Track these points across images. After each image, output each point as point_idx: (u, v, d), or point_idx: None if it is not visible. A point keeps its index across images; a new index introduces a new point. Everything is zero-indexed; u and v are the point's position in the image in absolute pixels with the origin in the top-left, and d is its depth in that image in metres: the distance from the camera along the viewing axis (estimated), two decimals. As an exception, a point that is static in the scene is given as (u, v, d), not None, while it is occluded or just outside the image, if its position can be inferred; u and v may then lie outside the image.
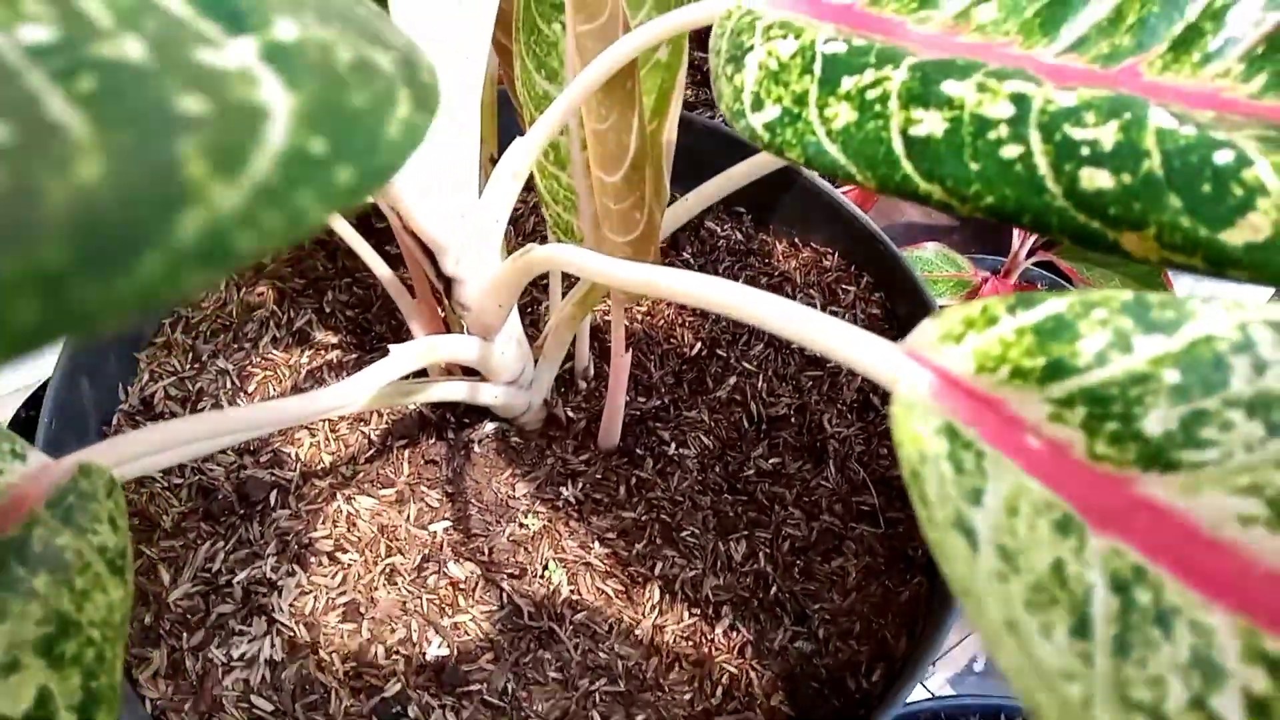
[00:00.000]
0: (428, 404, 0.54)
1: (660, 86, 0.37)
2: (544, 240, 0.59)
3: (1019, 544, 0.16)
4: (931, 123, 0.22)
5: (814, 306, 0.58)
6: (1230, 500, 0.15)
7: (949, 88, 0.22)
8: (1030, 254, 0.70)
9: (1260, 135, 0.19)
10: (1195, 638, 0.14)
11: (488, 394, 0.48)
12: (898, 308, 0.58)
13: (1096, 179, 0.20)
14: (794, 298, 0.59)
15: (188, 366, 0.54)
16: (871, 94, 0.23)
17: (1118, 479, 0.16)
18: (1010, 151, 0.21)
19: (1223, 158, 0.19)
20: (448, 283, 0.43)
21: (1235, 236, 0.18)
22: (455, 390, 0.47)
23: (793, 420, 0.54)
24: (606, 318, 0.58)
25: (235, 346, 0.56)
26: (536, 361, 0.50)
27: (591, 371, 0.55)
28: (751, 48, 0.26)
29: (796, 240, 0.63)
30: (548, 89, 0.41)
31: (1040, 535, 0.16)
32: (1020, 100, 0.21)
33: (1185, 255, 0.19)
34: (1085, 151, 0.20)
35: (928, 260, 0.87)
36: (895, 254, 0.57)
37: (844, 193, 0.62)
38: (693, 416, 0.54)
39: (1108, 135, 0.20)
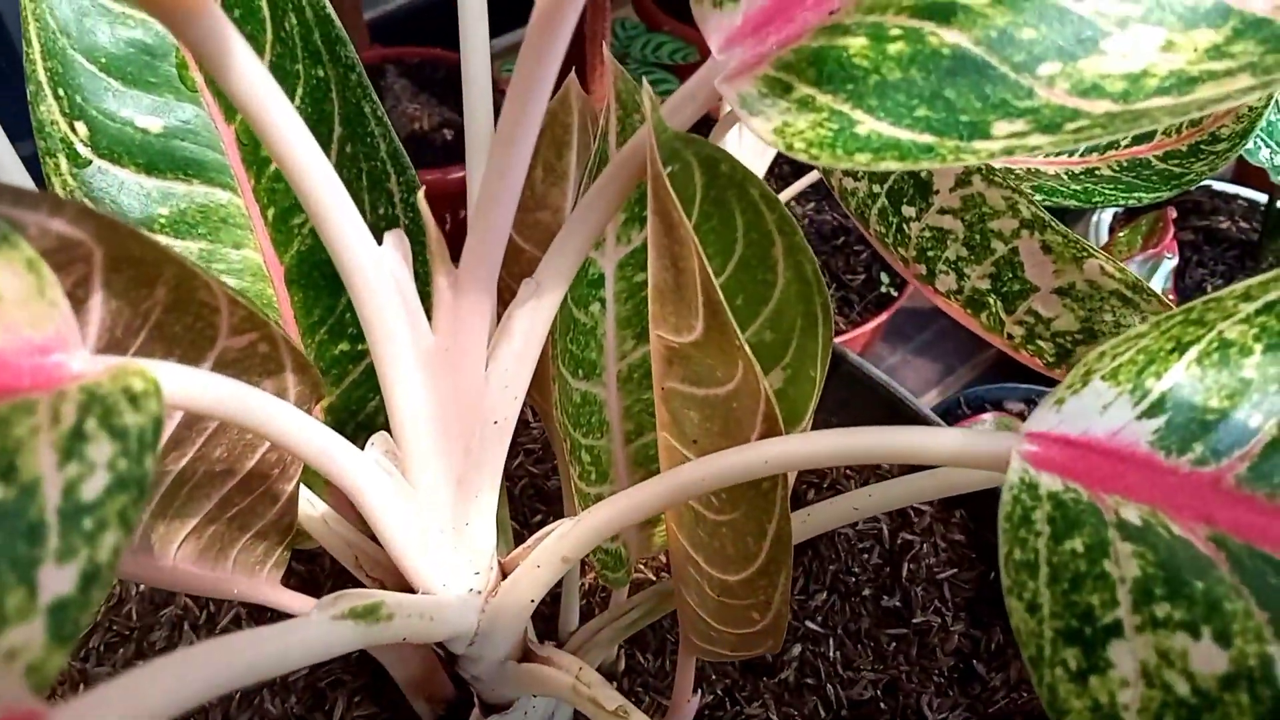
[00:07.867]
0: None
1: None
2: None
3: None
4: None
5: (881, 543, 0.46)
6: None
7: None
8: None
9: None
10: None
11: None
12: (984, 532, 0.47)
13: None
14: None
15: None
16: None
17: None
18: None
19: None
20: (453, 658, 0.31)
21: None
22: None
23: (882, 705, 0.42)
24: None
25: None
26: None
27: (622, 666, 0.43)
28: (1111, 625, 0.15)
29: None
30: (593, 444, 0.29)
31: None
32: None
33: None
34: None
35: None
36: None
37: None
38: (756, 715, 0.42)
39: None
